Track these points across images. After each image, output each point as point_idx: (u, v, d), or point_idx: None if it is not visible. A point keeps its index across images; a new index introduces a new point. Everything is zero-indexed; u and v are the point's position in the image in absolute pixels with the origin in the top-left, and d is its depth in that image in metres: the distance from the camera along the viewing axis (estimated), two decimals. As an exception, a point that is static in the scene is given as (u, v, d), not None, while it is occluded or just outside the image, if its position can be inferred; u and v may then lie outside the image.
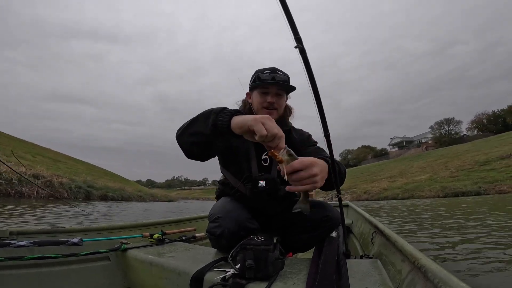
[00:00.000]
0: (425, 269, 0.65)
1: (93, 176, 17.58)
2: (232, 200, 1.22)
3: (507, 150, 17.68)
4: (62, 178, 11.81)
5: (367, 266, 0.92)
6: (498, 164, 15.70)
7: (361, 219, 1.95)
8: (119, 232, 1.41)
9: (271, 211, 1.28)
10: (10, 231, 1.01)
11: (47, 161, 18.39)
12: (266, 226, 1.25)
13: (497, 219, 4.15)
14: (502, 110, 46.54)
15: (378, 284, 0.75)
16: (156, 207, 12.38)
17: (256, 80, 1.22)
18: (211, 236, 1.11)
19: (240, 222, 1.07)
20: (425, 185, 16.07)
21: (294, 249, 1.33)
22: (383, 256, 1.03)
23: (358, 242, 1.76)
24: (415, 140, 63.71)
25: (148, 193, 21.74)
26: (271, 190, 1.17)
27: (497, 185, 12.26)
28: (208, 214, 1.20)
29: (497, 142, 24.33)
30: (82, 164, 26.70)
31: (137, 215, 7.03)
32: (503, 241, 2.61)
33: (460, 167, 18.21)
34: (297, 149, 1.23)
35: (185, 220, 1.93)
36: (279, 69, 1.26)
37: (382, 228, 1.23)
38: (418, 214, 5.96)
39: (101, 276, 1.10)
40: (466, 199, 10.01)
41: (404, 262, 0.82)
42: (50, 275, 0.98)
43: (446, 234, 3.18)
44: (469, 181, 13.93)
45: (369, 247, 1.38)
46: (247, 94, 1.33)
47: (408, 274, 0.75)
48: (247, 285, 0.76)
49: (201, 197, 75.74)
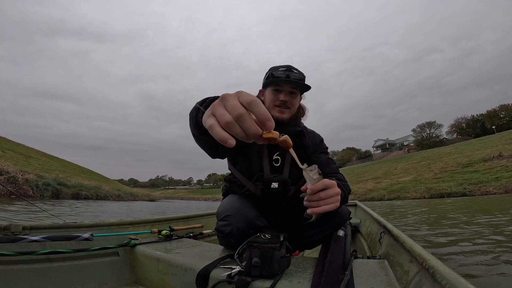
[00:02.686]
0: (433, 270, 0.64)
1: (67, 174, 16.66)
2: (240, 198, 1.21)
3: (489, 153, 18.16)
4: (29, 174, 10.85)
5: (373, 266, 0.91)
6: (481, 166, 16.01)
7: (369, 219, 1.90)
8: (128, 227, 1.42)
9: (279, 210, 1.27)
10: (23, 226, 1.03)
11: (18, 156, 17.45)
12: (273, 224, 1.25)
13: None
14: (481, 114, 49.00)
15: (384, 284, 0.74)
16: (121, 207, 11.21)
17: (269, 78, 1.17)
18: (219, 234, 1.10)
19: (250, 220, 1.07)
20: (410, 186, 16.27)
21: (301, 246, 1.31)
22: (391, 256, 1.01)
23: (366, 242, 1.72)
24: (397, 142, 65.35)
25: (127, 192, 20.88)
26: (283, 191, 1.17)
27: (482, 186, 12.33)
28: (216, 211, 1.20)
29: (478, 145, 25.12)
30: (57, 161, 25.69)
31: (84, 217, 6.21)
32: None
33: (443, 169, 18.53)
34: (308, 154, 1.26)
35: (193, 217, 1.93)
36: (295, 67, 1.19)
37: (391, 228, 1.20)
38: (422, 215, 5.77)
39: (109, 271, 1.12)
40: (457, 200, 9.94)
41: (412, 263, 0.80)
42: (61, 269, 1.00)
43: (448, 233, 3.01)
44: (453, 183, 14.08)
45: (376, 247, 1.35)
46: (260, 92, 1.28)
47: (416, 275, 0.73)
48: (253, 282, 0.76)
49: (186, 197, 74.31)
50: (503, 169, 13.91)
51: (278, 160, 1.22)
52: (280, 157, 1.22)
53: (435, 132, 49.83)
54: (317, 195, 0.76)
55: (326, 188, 0.76)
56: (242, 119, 0.41)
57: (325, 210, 0.76)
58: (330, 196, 0.77)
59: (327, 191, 0.76)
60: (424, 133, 50.24)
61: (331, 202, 0.77)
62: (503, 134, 29.98)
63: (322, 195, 0.76)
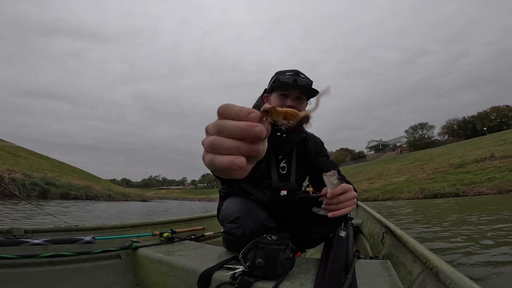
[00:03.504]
0: (437, 270, 0.64)
1: (57, 173, 16.28)
2: (246, 200, 1.18)
3: (481, 154, 18.37)
4: (16, 173, 10.51)
5: (376, 266, 0.90)
6: (473, 166, 16.18)
7: (371, 219, 1.89)
8: (130, 230, 1.42)
9: (284, 211, 1.27)
10: (25, 229, 1.03)
11: (6, 155, 16.99)
12: (277, 224, 1.25)
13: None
14: (472, 116, 49.31)
15: (388, 284, 0.74)
16: (109, 207, 10.68)
17: (276, 82, 1.14)
18: (229, 237, 1.08)
19: (261, 222, 1.07)
20: (403, 186, 16.38)
21: (304, 245, 1.32)
22: (394, 256, 1.01)
23: (368, 242, 1.72)
24: (390, 143, 65.93)
25: (119, 192, 20.48)
26: (291, 199, 1.18)
27: (475, 187, 12.44)
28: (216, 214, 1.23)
29: (470, 146, 25.41)
30: (47, 160, 25.20)
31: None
32: None
33: (436, 170, 18.70)
34: (311, 159, 1.28)
35: (195, 219, 1.94)
36: (302, 72, 1.17)
37: (393, 228, 1.21)
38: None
39: (112, 274, 1.12)
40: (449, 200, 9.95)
41: (415, 263, 0.80)
42: (63, 273, 1.00)
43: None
44: (446, 183, 14.19)
45: (379, 248, 1.35)
46: (265, 97, 1.24)
47: (419, 275, 0.73)
48: (255, 283, 0.76)
49: (180, 197, 73.49)
50: (496, 169, 14.06)
51: (284, 167, 1.23)
52: (287, 165, 1.23)
53: (427, 133, 50.28)
54: (337, 198, 0.80)
55: (345, 192, 0.81)
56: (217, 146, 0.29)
57: (345, 212, 0.81)
58: (349, 199, 0.82)
59: (345, 194, 0.81)
60: (416, 134, 50.73)
61: (350, 205, 0.83)
62: (494, 135, 30.35)
63: (342, 198, 0.81)
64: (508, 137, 23.15)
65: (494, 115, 45.52)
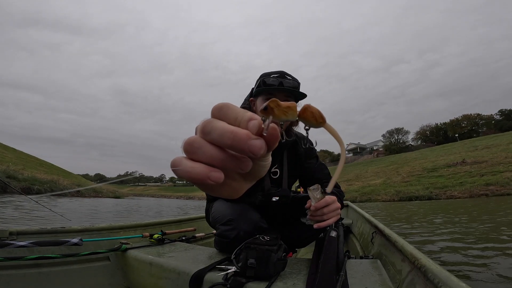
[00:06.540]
0: (425, 269, 0.64)
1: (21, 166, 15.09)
2: (237, 202, 1.15)
3: (452, 159, 19.24)
4: (-30, 164, 9.53)
5: (367, 266, 0.91)
6: (445, 171, 16.86)
7: (361, 219, 1.91)
8: (119, 232, 1.39)
9: (274, 213, 1.26)
10: (10, 231, 1.00)
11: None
12: (269, 224, 1.23)
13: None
14: (444, 123, 51.81)
15: (378, 284, 0.74)
16: (74, 205, 9.67)
17: (261, 85, 1.09)
18: (223, 240, 1.05)
19: (255, 223, 1.05)
20: (380, 188, 16.81)
21: (295, 245, 1.31)
22: (383, 256, 1.02)
23: (358, 242, 1.72)
24: (368, 147, 68.09)
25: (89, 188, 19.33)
26: (283, 204, 1.16)
27: (447, 190, 12.90)
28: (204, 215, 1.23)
29: (442, 152, 26.66)
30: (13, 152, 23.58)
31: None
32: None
33: (410, 173, 19.35)
34: (301, 161, 1.29)
35: (186, 220, 1.92)
36: (288, 73, 1.12)
37: (382, 228, 1.21)
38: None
39: (101, 276, 1.10)
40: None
41: (404, 262, 0.81)
42: (50, 275, 0.98)
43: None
44: (420, 186, 14.66)
45: (369, 247, 1.35)
46: (251, 101, 1.18)
47: (408, 274, 0.74)
48: (247, 284, 0.76)
49: (157, 194, 70.92)
50: (467, 174, 14.68)
51: (276, 172, 1.22)
52: (279, 170, 1.22)
53: (403, 138, 52.57)
54: (320, 211, 0.83)
55: (328, 205, 0.83)
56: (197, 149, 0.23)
57: (329, 223, 0.84)
58: (332, 211, 0.85)
59: (329, 207, 0.84)
60: (392, 138, 52.67)
61: (333, 216, 0.86)
62: (465, 142, 31.95)
63: (325, 210, 0.83)
64: (478, 144, 24.40)
65: (465, 123, 48.09)
